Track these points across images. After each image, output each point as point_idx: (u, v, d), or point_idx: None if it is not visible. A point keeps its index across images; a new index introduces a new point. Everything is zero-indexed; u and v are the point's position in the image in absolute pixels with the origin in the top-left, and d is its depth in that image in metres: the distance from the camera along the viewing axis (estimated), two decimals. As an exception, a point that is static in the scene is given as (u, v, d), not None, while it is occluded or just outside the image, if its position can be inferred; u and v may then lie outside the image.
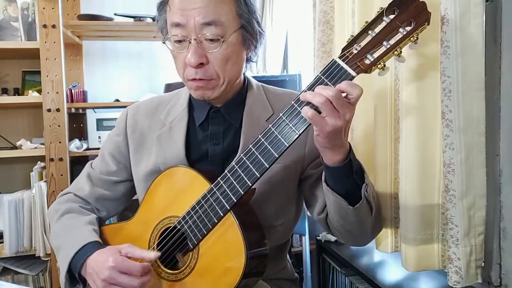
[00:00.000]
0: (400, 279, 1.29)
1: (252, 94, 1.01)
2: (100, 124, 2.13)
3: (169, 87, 2.02)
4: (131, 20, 2.12)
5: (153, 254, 0.88)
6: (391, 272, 1.34)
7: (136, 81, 2.39)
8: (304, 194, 1.02)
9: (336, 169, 0.83)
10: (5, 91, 2.19)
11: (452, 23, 0.83)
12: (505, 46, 0.89)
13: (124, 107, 1.12)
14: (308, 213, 1.40)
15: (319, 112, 0.74)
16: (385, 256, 1.36)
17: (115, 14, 2.14)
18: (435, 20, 0.88)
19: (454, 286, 0.89)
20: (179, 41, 0.89)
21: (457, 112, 0.85)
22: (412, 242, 0.97)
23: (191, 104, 1.03)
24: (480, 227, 0.88)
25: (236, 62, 0.92)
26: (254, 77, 2.04)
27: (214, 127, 0.98)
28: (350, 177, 0.84)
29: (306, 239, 1.58)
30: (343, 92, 0.74)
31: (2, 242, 1.96)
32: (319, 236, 1.81)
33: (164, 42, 0.93)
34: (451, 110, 0.85)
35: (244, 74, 1.02)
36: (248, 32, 0.92)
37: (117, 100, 2.22)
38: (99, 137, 2.12)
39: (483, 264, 0.96)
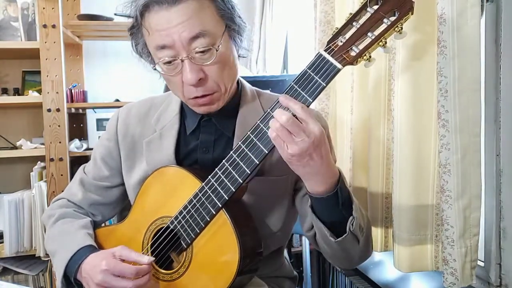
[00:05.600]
0: (399, 279, 1.29)
1: (246, 102, 0.97)
2: (100, 124, 2.13)
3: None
4: (131, 20, 2.12)
5: (147, 259, 0.86)
6: (391, 272, 1.34)
7: (136, 81, 2.39)
8: (296, 207, 1.00)
9: (319, 200, 0.81)
10: (5, 91, 2.19)
11: (449, 23, 0.83)
12: (505, 46, 0.89)
13: (124, 106, 1.11)
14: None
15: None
16: (385, 256, 1.36)
17: (115, 14, 2.13)
18: (432, 20, 0.88)
19: (449, 288, 0.89)
20: (169, 62, 0.85)
21: (453, 113, 0.85)
22: (405, 243, 0.97)
23: (183, 110, 1.00)
24: (476, 228, 0.88)
25: (232, 66, 0.89)
26: (254, 77, 2.05)
27: (205, 136, 0.96)
28: (335, 209, 0.81)
29: (306, 239, 1.58)
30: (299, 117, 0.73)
31: (2, 242, 1.96)
32: (319, 236, 1.81)
33: (155, 68, 0.88)
34: (447, 111, 0.85)
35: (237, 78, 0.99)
36: (233, 29, 0.88)
37: (117, 100, 2.22)
38: (99, 137, 2.10)
39: (482, 264, 0.96)
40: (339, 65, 0.73)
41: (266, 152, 0.78)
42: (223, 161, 0.83)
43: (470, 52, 0.84)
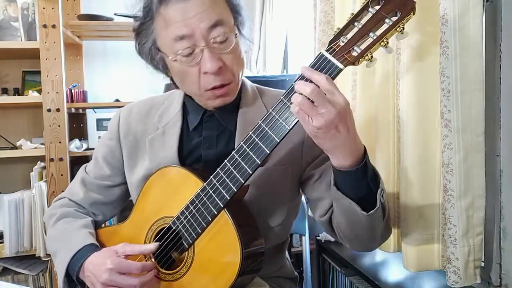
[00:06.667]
0: (400, 279, 1.29)
1: (247, 97, 0.99)
2: (100, 124, 2.13)
3: (169, 87, 2.02)
4: (131, 20, 2.12)
5: (152, 246, 0.89)
6: (391, 272, 1.34)
7: (136, 81, 2.39)
8: (306, 195, 1.01)
9: (347, 174, 0.78)
10: (5, 91, 2.19)
11: (451, 24, 0.83)
12: (505, 46, 0.89)
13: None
14: (309, 213, 1.40)
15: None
16: (385, 256, 1.36)
17: (115, 14, 2.13)
18: (435, 21, 0.88)
19: (452, 286, 0.89)
20: (187, 55, 0.85)
21: (456, 112, 0.85)
22: (413, 242, 0.97)
23: (185, 107, 1.01)
24: (479, 228, 0.88)
25: (242, 57, 0.92)
26: (254, 77, 2.05)
27: (208, 132, 0.97)
28: (363, 182, 0.79)
29: (306, 239, 1.58)
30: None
31: (2, 242, 1.96)
32: (319, 236, 1.81)
33: (175, 60, 0.86)
34: (449, 110, 0.85)
35: None
36: (240, 23, 0.92)
37: (117, 100, 2.22)
38: (99, 137, 2.11)
39: (483, 264, 0.96)
40: (340, 65, 0.73)
41: (268, 152, 0.78)
42: (225, 161, 0.83)
43: (473, 52, 0.84)
